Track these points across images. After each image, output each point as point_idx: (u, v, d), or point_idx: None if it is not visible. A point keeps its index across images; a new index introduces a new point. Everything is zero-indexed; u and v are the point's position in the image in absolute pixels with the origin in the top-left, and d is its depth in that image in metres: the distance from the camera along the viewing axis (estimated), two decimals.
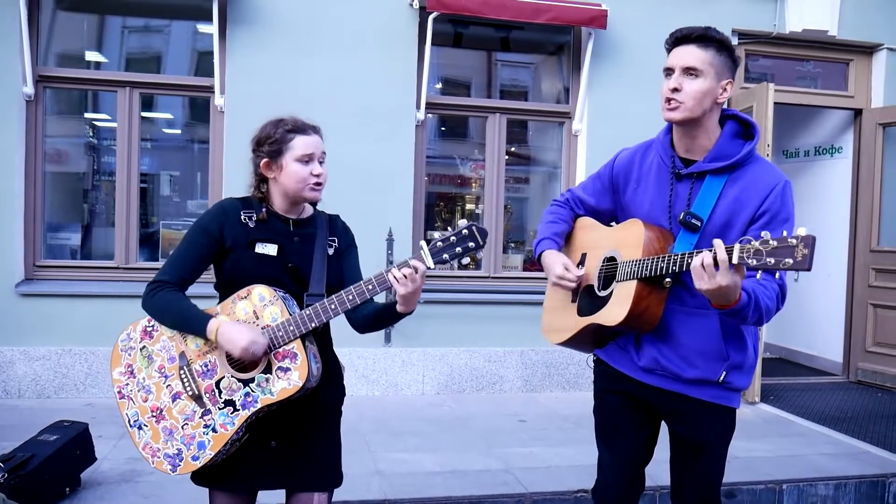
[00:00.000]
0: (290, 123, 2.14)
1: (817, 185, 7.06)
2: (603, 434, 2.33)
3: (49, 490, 3.23)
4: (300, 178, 2.10)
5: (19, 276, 5.13)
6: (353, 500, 3.47)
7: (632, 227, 2.12)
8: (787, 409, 5.48)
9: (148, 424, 2.07)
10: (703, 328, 2.08)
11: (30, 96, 5.11)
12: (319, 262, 2.14)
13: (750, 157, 2.07)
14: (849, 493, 4.00)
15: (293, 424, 2.12)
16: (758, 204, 2.01)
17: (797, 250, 1.64)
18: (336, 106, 5.36)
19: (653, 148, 2.22)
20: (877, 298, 6.37)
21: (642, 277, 1.99)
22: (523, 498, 3.63)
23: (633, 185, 2.22)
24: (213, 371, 2.04)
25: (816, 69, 6.59)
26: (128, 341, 2.12)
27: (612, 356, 2.27)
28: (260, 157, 2.13)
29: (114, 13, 5.72)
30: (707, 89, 2.02)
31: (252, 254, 2.09)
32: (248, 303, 2.03)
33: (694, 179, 2.08)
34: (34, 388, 5.07)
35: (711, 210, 2.03)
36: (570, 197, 2.42)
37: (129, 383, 2.10)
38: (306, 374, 1.99)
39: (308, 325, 2.00)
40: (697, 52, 2.03)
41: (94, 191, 6.05)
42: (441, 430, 4.70)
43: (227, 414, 2.02)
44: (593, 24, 5.53)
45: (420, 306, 5.55)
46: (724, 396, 2.13)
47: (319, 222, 2.22)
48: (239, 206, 2.14)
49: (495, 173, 5.93)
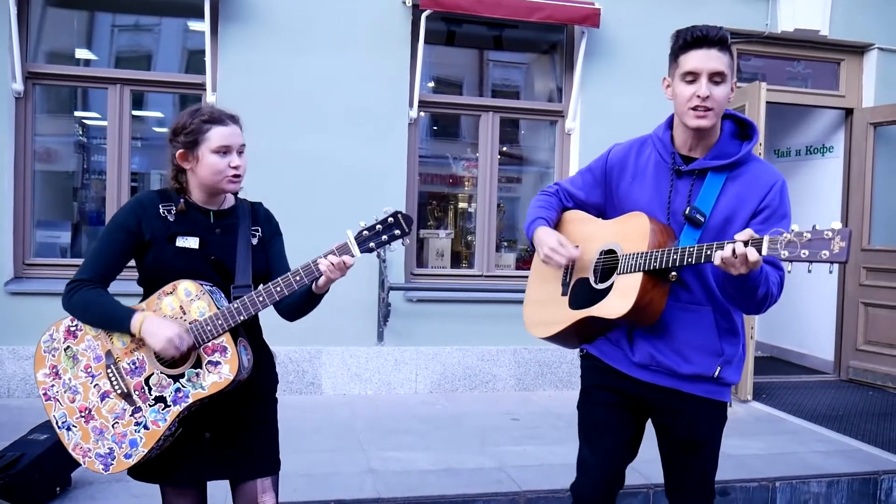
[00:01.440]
0: (206, 113, 2.09)
1: (809, 185, 7.09)
2: (588, 431, 2.29)
3: (39, 489, 3.20)
4: (217, 171, 2.05)
5: (8, 274, 5.09)
6: (347, 499, 3.46)
7: (635, 219, 2.10)
8: (779, 408, 5.49)
9: (77, 425, 2.04)
10: (699, 323, 2.09)
11: (19, 93, 5.06)
12: (244, 252, 2.12)
13: (749, 156, 2.09)
14: (841, 490, 4.01)
15: (227, 415, 2.12)
16: (758, 201, 2.03)
17: (834, 243, 1.64)
18: (329, 104, 5.35)
19: (648, 144, 2.21)
20: (868, 297, 6.41)
21: (649, 270, 1.97)
22: (517, 496, 3.63)
23: (629, 179, 2.20)
24: (142, 368, 2.02)
25: (808, 69, 6.62)
26: (51, 342, 2.08)
27: (604, 351, 2.24)
28: (176, 147, 2.08)
29: (105, 10, 5.67)
30: (729, 94, 2.03)
31: (173, 248, 2.06)
32: (174, 298, 2.01)
33: (695, 177, 2.09)
34: (24, 388, 5.02)
35: (713, 206, 2.04)
36: (559, 189, 2.39)
37: (54, 384, 2.06)
38: (237, 367, 1.99)
39: (237, 319, 1.99)
40: (721, 56, 2.01)
41: (84, 189, 6.00)
42: (434, 428, 4.69)
43: (159, 410, 2.00)
44: (586, 22, 5.53)
45: (413, 305, 5.60)
46: (717, 391, 2.15)
47: (242, 211, 2.18)
48: (157, 199, 2.10)
49: (488, 172, 5.92)
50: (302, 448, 4.01)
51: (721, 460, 2.29)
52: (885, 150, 6.46)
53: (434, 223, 6.51)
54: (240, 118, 2.15)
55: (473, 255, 6.10)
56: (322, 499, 3.43)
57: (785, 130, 7.41)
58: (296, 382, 5.34)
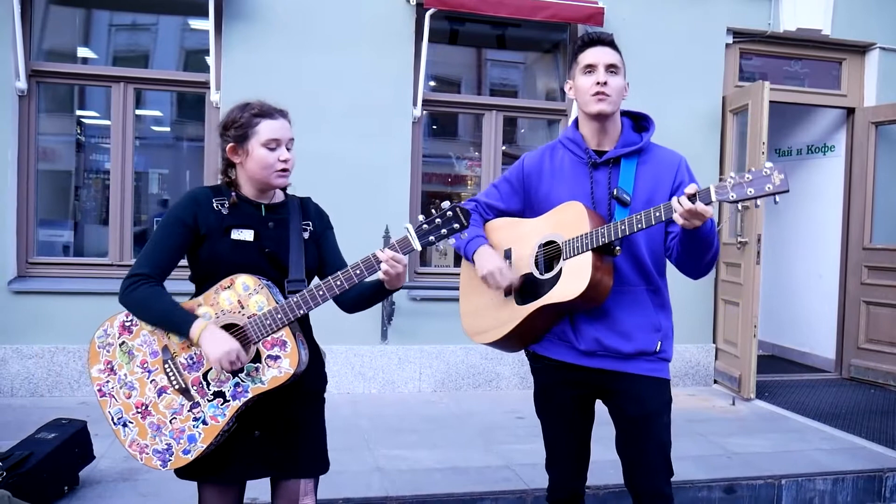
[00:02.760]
0: (256, 107, 2.10)
1: (810, 184, 7.11)
2: (550, 426, 2.45)
3: (48, 488, 3.19)
4: (266, 164, 2.06)
5: (11, 273, 5.07)
6: (355, 497, 3.46)
7: (570, 208, 2.26)
8: (782, 406, 5.51)
9: (133, 421, 2.03)
10: (636, 302, 2.28)
11: (22, 91, 5.05)
12: (296, 246, 2.12)
13: (650, 143, 2.37)
14: (846, 487, 4.03)
15: (277, 413, 2.11)
16: (672, 177, 2.29)
17: (773, 177, 1.89)
18: (332, 102, 5.34)
19: (559, 147, 2.41)
20: (869, 296, 6.43)
21: (597, 246, 2.14)
22: (525, 494, 3.63)
23: (548, 180, 2.37)
24: (200, 363, 2.02)
25: (810, 68, 6.63)
26: (105, 337, 2.07)
27: (549, 349, 2.36)
28: (226, 141, 2.10)
29: (108, 8, 5.66)
30: (623, 85, 2.31)
31: (228, 240, 2.06)
32: (233, 292, 2.01)
33: (611, 166, 2.31)
34: (27, 387, 5.01)
35: (633, 188, 2.27)
36: (477, 206, 2.51)
37: (109, 380, 2.06)
38: (297, 361, 1.99)
39: (297, 313, 1.99)
40: (613, 53, 2.30)
41: (87, 187, 5.99)
42: (439, 427, 4.69)
43: (218, 405, 2.00)
44: (590, 21, 5.53)
45: (416, 303, 5.59)
46: (658, 369, 2.32)
47: (291, 206, 2.19)
48: (210, 194, 2.11)
49: (491, 170, 5.92)
50: None
51: (727, 458, 2.37)
52: (886, 149, 6.47)
53: None
54: (288, 113, 2.16)
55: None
56: (330, 497, 3.43)
57: (786, 129, 7.43)
58: None
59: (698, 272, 2.26)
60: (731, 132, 6.06)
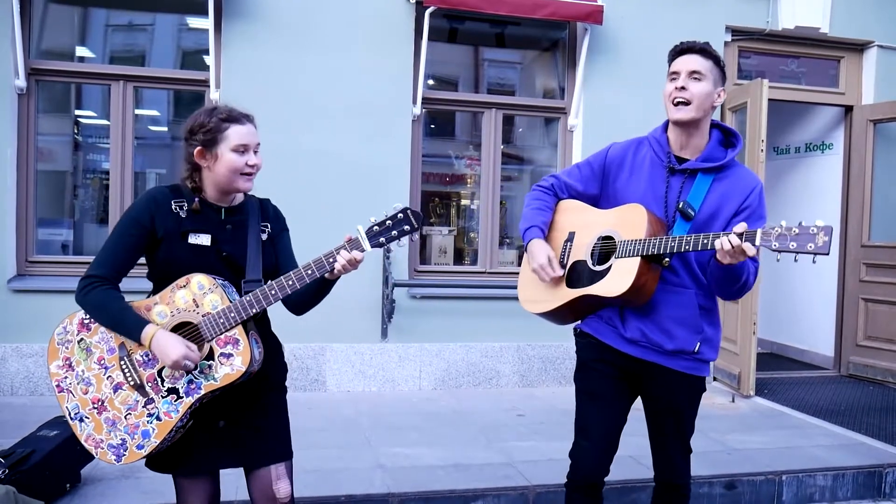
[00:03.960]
0: (224, 112, 2.13)
1: (808, 182, 7.12)
2: (587, 400, 2.48)
3: (50, 486, 3.19)
4: (235, 168, 2.09)
5: (11, 271, 5.07)
6: (358, 493, 3.46)
7: (633, 210, 2.32)
8: (781, 403, 5.52)
9: (89, 416, 2.06)
10: (683, 303, 2.33)
11: (22, 90, 5.04)
12: (254, 248, 2.15)
13: (733, 161, 2.37)
14: (846, 483, 4.04)
15: (240, 404, 2.15)
16: (741, 201, 2.30)
17: (818, 237, 1.93)
18: (332, 101, 5.34)
19: (645, 144, 2.45)
20: (868, 293, 6.44)
21: (647, 255, 2.21)
22: (526, 490, 3.64)
23: (626, 174, 2.42)
24: (155, 360, 2.04)
25: (805, 67, 6.64)
26: (64, 334, 2.11)
27: (597, 329, 2.46)
28: (193, 145, 2.11)
29: (108, 7, 5.65)
30: (709, 91, 2.30)
31: (185, 244, 2.09)
32: (188, 291, 2.04)
33: (686, 176, 2.34)
34: (27, 385, 5.00)
35: (702, 203, 2.31)
36: (556, 183, 2.58)
37: (67, 376, 2.09)
38: (249, 359, 2.02)
39: (249, 312, 2.03)
40: (700, 59, 2.31)
41: (86, 186, 5.98)
42: (440, 424, 4.69)
43: (171, 402, 2.03)
44: (589, 19, 5.54)
45: (416, 301, 5.60)
46: (696, 367, 2.41)
47: (251, 208, 2.22)
48: (169, 195, 2.13)
49: (491, 169, 5.93)
50: (309, 444, 4.01)
51: (727, 454, 2.44)
52: (884, 146, 6.49)
53: (437, 220, 6.52)
54: (254, 117, 2.19)
55: (476, 251, 6.11)
56: (332, 494, 3.44)
57: (785, 127, 7.44)
58: (300, 379, 5.34)
59: (724, 296, 2.33)
60: None
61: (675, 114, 2.31)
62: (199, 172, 2.15)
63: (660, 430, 2.50)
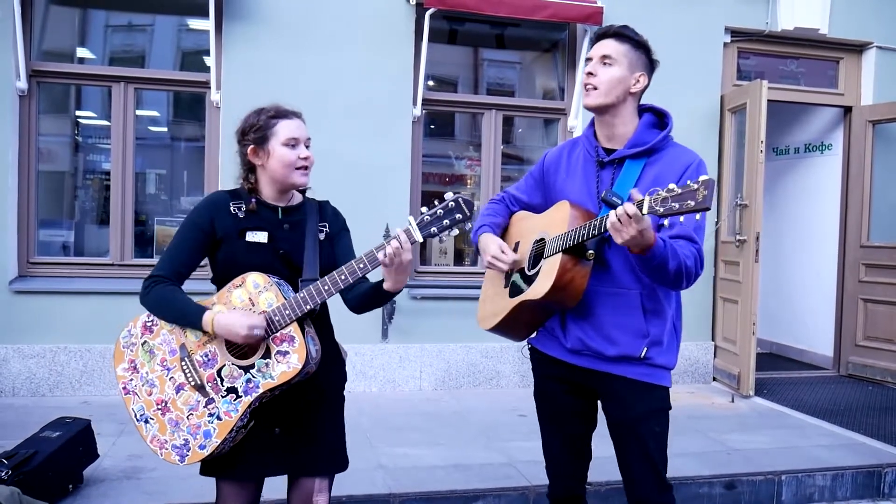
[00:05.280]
0: (272, 110, 2.18)
1: (807, 182, 7.14)
2: (546, 419, 2.45)
3: (52, 487, 3.20)
4: (288, 162, 2.13)
5: (13, 273, 5.08)
6: (359, 494, 3.48)
7: (559, 207, 2.26)
8: (780, 403, 5.54)
9: (154, 417, 2.09)
10: (624, 305, 2.19)
11: (23, 91, 5.06)
12: (311, 247, 2.17)
13: (665, 142, 2.23)
14: (846, 483, 4.05)
15: (296, 410, 2.16)
16: (675, 180, 2.11)
17: (698, 192, 1.76)
18: (332, 102, 5.36)
19: (579, 143, 2.38)
20: (867, 293, 6.46)
21: (566, 248, 2.09)
22: (527, 491, 3.65)
23: (563, 176, 2.36)
24: (214, 360, 2.06)
25: (804, 68, 6.66)
26: (129, 337, 2.14)
27: (543, 342, 2.38)
28: (246, 145, 2.16)
29: (109, 8, 5.66)
30: (619, 76, 2.19)
31: (243, 242, 2.12)
32: (244, 290, 2.06)
33: (616, 165, 2.24)
34: (28, 387, 5.01)
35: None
36: (505, 196, 2.56)
37: (132, 378, 2.12)
38: (305, 357, 2.02)
39: (304, 308, 2.02)
40: (614, 44, 2.22)
41: (87, 187, 5.99)
42: (441, 425, 4.71)
43: (231, 401, 2.04)
44: (589, 21, 5.56)
45: (416, 302, 5.61)
46: (649, 374, 2.21)
47: (309, 209, 2.25)
48: (228, 198, 2.18)
49: (491, 169, 5.94)
50: None
51: (727, 454, 2.35)
52: (883, 147, 6.51)
53: None
54: (302, 114, 2.24)
55: (476, 252, 6.10)
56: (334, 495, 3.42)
57: (784, 128, 7.45)
58: None
59: (666, 286, 2.15)
60: (730, 131, 6.09)
61: (585, 100, 2.24)
62: (255, 173, 2.19)
63: (622, 453, 2.28)
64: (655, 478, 2.24)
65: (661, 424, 2.26)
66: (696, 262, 2.09)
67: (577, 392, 2.34)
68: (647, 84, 2.25)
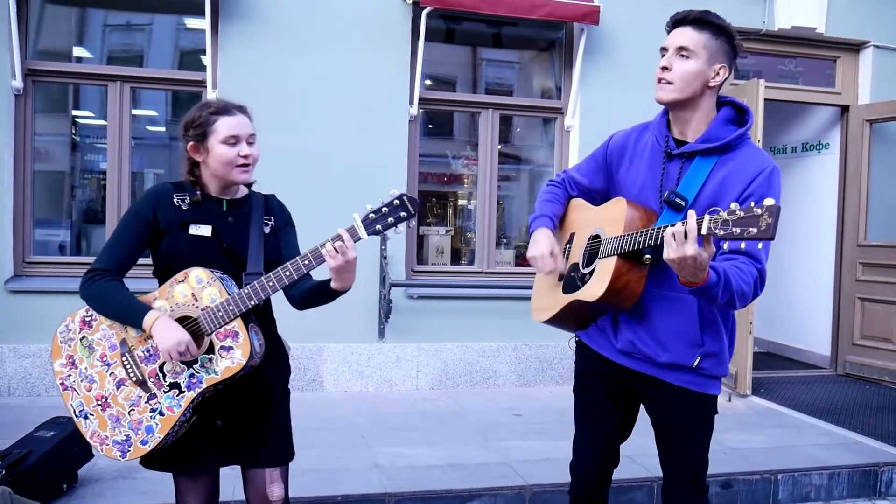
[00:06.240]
0: (214, 105, 2.13)
1: (805, 181, 7.14)
2: (581, 414, 2.36)
3: (47, 486, 3.19)
4: (226, 160, 2.09)
5: (8, 272, 5.07)
6: (354, 493, 3.47)
7: (616, 205, 2.15)
8: (778, 402, 5.54)
9: (94, 413, 2.07)
10: (680, 312, 2.09)
11: (18, 90, 5.04)
12: (256, 240, 2.15)
13: (741, 141, 2.07)
14: (842, 482, 4.05)
15: (239, 403, 2.16)
16: (744, 186, 2.00)
17: (762, 219, 1.63)
18: (329, 101, 5.35)
19: (649, 129, 2.23)
20: (864, 292, 6.46)
21: (622, 253, 2.01)
22: (523, 490, 3.65)
23: (627, 163, 2.23)
24: (156, 355, 2.05)
25: (801, 67, 6.66)
26: (66, 332, 2.12)
27: (593, 338, 2.30)
28: (187, 140, 2.13)
29: (105, 7, 5.65)
30: (697, 70, 2.03)
31: (186, 235, 2.10)
32: (186, 286, 2.04)
33: (684, 160, 2.09)
34: (24, 386, 5.00)
35: (698, 191, 2.03)
36: (566, 178, 2.44)
37: (71, 374, 2.10)
38: (249, 352, 2.01)
39: (247, 304, 2.01)
40: (692, 33, 2.05)
41: (84, 187, 5.98)
42: (437, 424, 4.70)
43: (173, 396, 2.03)
44: (586, 20, 5.55)
45: (413, 301, 5.60)
46: (699, 383, 2.14)
47: (255, 202, 2.22)
48: (172, 190, 2.15)
49: (488, 169, 5.94)
50: (306, 444, 3.97)
51: (723, 453, 2.33)
52: (880, 146, 6.51)
53: (434, 220, 6.53)
54: (247, 108, 2.19)
55: (473, 251, 6.11)
56: (329, 494, 3.44)
57: (781, 127, 7.46)
58: (297, 379, 5.34)
59: (719, 308, 2.06)
60: None
61: (657, 93, 2.08)
62: (199, 168, 2.16)
63: (665, 452, 2.25)
64: (692, 481, 2.21)
65: (706, 430, 2.21)
66: (755, 285, 1.96)
67: (619, 393, 2.27)
68: (727, 76, 2.08)
